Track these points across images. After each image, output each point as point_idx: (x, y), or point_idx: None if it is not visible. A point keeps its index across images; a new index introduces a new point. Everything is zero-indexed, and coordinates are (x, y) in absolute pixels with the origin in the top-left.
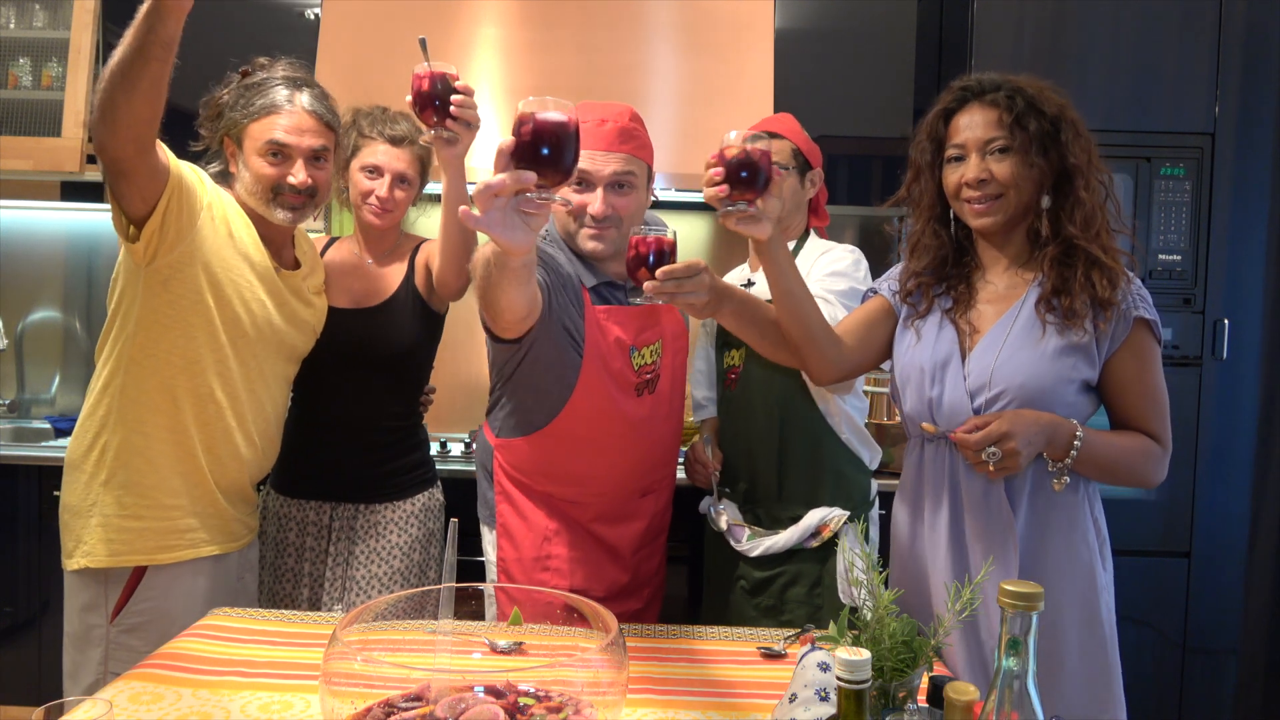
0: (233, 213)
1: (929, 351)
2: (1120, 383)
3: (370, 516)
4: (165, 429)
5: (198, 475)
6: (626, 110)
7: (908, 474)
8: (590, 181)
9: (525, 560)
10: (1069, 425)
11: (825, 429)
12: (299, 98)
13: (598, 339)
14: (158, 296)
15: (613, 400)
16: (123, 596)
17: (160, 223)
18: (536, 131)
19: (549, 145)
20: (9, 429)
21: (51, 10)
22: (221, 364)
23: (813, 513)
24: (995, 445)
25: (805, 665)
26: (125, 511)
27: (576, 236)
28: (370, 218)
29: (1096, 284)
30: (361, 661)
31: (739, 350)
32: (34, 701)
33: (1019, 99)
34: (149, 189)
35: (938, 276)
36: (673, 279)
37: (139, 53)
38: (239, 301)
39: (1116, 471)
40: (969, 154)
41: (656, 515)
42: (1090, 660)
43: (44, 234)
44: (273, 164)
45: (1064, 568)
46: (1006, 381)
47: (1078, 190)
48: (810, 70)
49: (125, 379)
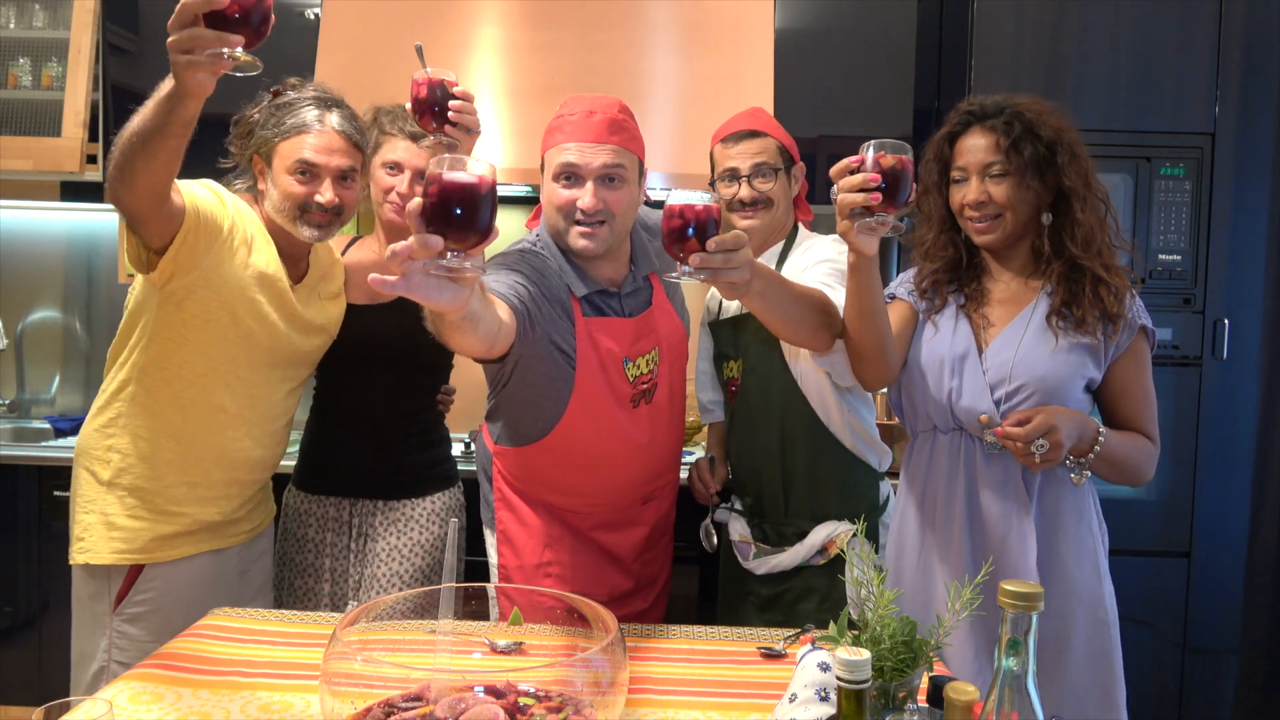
0: (254, 230)
1: (947, 345)
2: (1121, 386)
3: (389, 514)
4: (173, 438)
5: (204, 481)
6: (615, 102)
7: (916, 467)
8: (579, 175)
9: (526, 567)
10: (1093, 423)
11: (828, 438)
12: (329, 118)
13: (589, 352)
14: (171, 316)
15: (609, 414)
16: (123, 589)
17: (176, 255)
18: (443, 193)
19: (459, 206)
20: (9, 429)
21: (51, 10)
22: (232, 376)
23: (818, 529)
24: (1043, 438)
25: (805, 665)
26: (127, 513)
27: (566, 235)
28: (391, 215)
29: (1105, 299)
30: (361, 661)
31: (736, 362)
32: (34, 701)
33: (1016, 124)
34: (165, 230)
35: (952, 275)
36: (723, 250)
37: (160, 130)
38: (252, 319)
39: (1123, 468)
40: (970, 176)
41: (659, 520)
42: (1094, 645)
43: (44, 234)
44: (301, 182)
45: (1074, 554)
46: (1026, 375)
47: (1075, 211)
48: (810, 70)
49: (137, 388)
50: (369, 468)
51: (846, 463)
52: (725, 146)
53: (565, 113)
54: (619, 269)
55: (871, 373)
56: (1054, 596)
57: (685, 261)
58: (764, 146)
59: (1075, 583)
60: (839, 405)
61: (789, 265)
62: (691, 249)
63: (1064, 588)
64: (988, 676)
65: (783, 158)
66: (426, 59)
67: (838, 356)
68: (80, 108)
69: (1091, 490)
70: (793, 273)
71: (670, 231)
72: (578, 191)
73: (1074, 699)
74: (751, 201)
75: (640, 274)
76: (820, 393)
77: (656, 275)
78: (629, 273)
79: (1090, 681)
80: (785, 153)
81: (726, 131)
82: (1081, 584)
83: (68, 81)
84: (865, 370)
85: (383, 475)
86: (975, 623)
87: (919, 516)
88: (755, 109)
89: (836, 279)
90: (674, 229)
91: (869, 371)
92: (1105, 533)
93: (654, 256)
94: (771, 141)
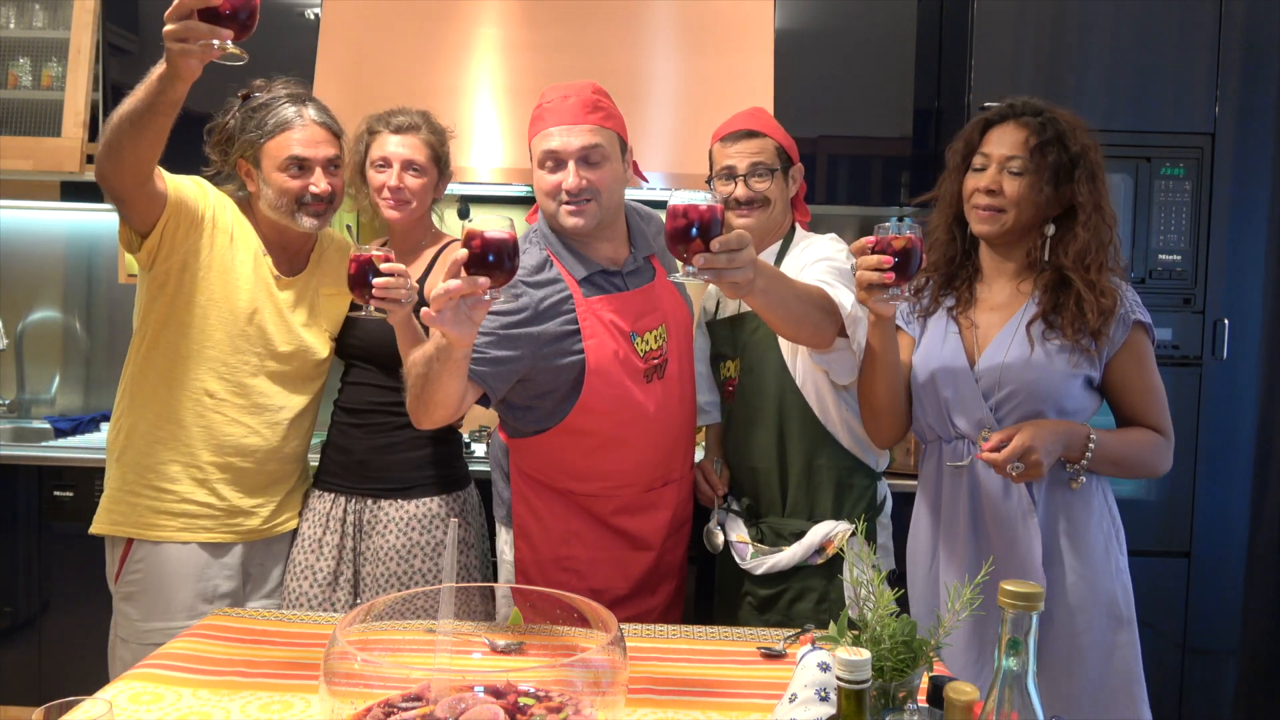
0: (234, 221)
1: (938, 355)
2: (1122, 381)
3: (389, 513)
4: (163, 418)
5: (195, 462)
6: (589, 84)
7: (927, 474)
8: (561, 158)
9: (543, 561)
10: (1083, 429)
11: (826, 437)
12: (307, 112)
13: (596, 329)
14: (157, 299)
15: (623, 388)
16: (119, 563)
17: (159, 239)
18: (485, 245)
19: (495, 254)
20: (9, 429)
21: (51, 10)
22: (217, 361)
23: (816, 529)
24: (1019, 459)
25: (805, 665)
26: (126, 487)
27: (557, 215)
28: (389, 212)
29: (1086, 314)
30: (361, 661)
31: (734, 362)
32: (34, 701)
33: (1049, 128)
34: (148, 212)
35: (945, 277)
36: (726, 250)
37: (150, 109)
38: (229, 307)
39: (1129, 466)
40: (990, 165)
41: (680, 504)
42: (1112, 642)
43: (44, 234)
44: (295, 177)
45: (1085, 553)
46: (1017, 381)
47: (1076, 226)
48: (810, 70)
49: (134, 369)
50: (371, 466)
51: (844, 462)
52: (724, 145)
53: (543, 101)
54: (617, 248)
55: (887, 428)
56: (1066, 595)
57: (689, 262)
58: (761, 146)
59: (1088, 581)
60: (837, 404)
61: (786, 265)
62: (695, 249)
63: (1076, 586)
64: (988, 677)
65: (780, 158)
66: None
67: (835, 355)
68: (80, 108)
69: (1103, 489)
70: (791, 272)
71: (674, 232)
72: (562, 174)
73: (1092, 697)
74: (747, 200)
75: (640, 254)
76: (819, 391)
77: (657, 258)
78: (629, 254)
79: (1109, 679)
80: (783, 153)
81: (725, 130)
82: (1095, 582)
83: (68, 81)
84: (881, 426)
85: (383, 474)
86: (975, 623)
87: (930, 521)
88: (755, 109)
89: (835, 276)
90: (677, 229)
91: (885, 427)
92: (1120, 531)
93: (651, 238)
94: (769, 142)
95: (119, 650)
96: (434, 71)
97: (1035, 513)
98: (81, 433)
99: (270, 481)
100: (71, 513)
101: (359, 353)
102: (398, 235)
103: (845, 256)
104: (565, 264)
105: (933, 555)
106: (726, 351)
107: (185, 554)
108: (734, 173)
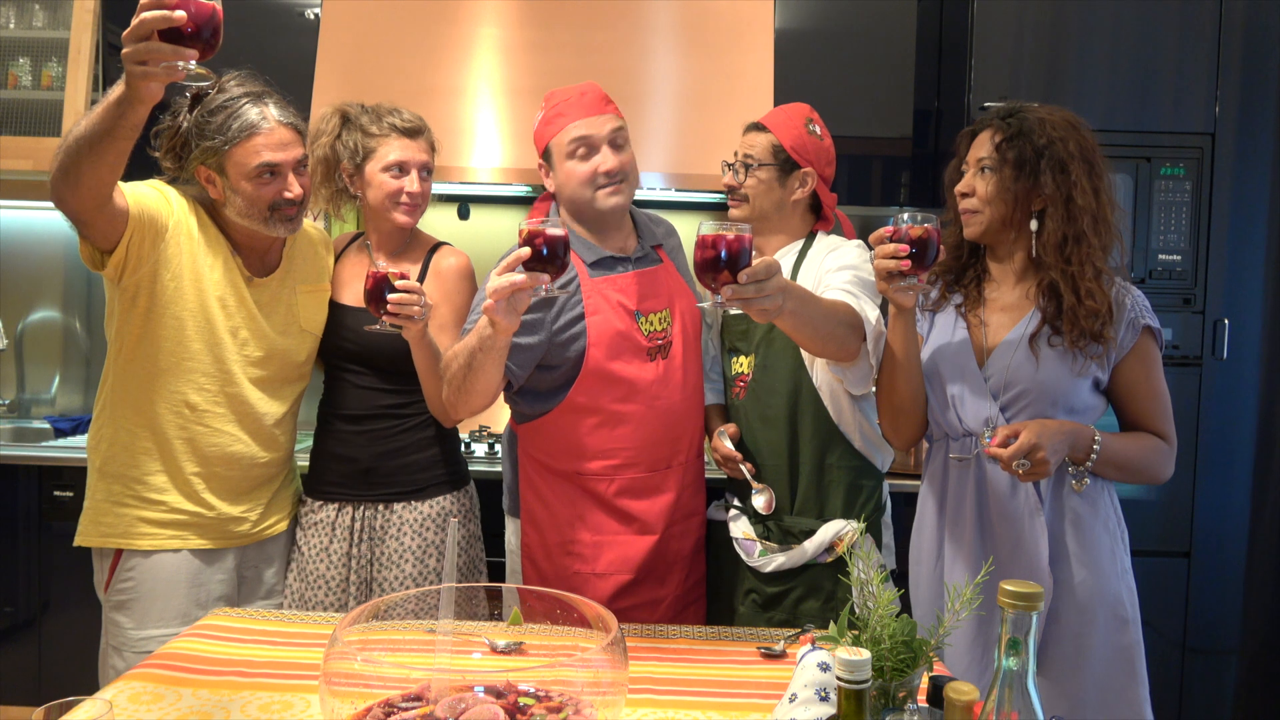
0: (199, 227)
1: (945, 350)
2: (1129, 386)
3: (396, 516)
4: (145, 428)
5: (181, 473)
6: (592, 84)
7: (934, 472)
8: (593, 143)
9: (550, 545)
10: (1088, 431)
11: (837, 437)
12: (270, 113)
13: (601, 306)
14: (130, 312)
15: (625, 360)
16: (109, 574)
17: (125, 253)
18: (546, 241)
19: (554, 250)
20: (9, 429)
21: (51, 10)
22: (196, 372)
23: (827, 527)
24: (1025, 457)
25: (805, 665)
26: (112, 498)
27: (594, 202)
28: (403, 217)
29: (1082, 321)
30: (361, 661)
31: (747, 358)
32: (34, 701)
33: (1014, 124)
34: (110, 231)
35: (954, 275)
36: (754, 281)
37: (109, 133)
38: (204, 316)
39: (1132, 470)
40: (969, 169)
41: (686, 490)
42: (1116, 642)
43: (44, 234)
44: (268, 184)
45: (1090, 553)
46: (1027, 381)
47: (1047, 219)
48: (810, 70)
49: (113, 379)
50: (364, 471)
51: (854, 462)
52: (742, 134)
53: (556, 102)
54: (626, 237)
55: (907, 428)
56: (1071, 595)
57: (717, 291)
58: (757, 141)
59: (1093, 581)
60: (851, 405)
61: (805, 269)
62: (724, 280)
63: (1082, 586)
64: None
65: (775, 156)
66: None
67: (852, 365)
68: (80, 108)
69: (1108, 490)
70: (810, 276)
71: (703, 262)
72: (596, 159)
73: (1096, 696)
74: (728, 190)
75: (647, 244)
76: (834, 392)
77: (664, 250)
78: (637, 243)
79: (1112, 679)
80: (781, 152)
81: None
82: (1100, 582)
83: (68, 81)
84: (901, 426)
85: (378, 479)
86: (979, 622)
87: (936, 519)
88: (798, 105)
89: (860, 288)
90: (706, 260)
91: (905, 427)
92: (1125, 532)
93: (662, 238)
94: (767, 137)
95: (111, 659)
96: (434, 71)
97: (1042, 511)
98: (81, 433)
99: (256, 486)
100: (71, 513)
101: (355, 356)
102: (394, 238)
103: (869, 265)
104: (577, 250)
105: (938, 553)
106: (741, 347)
107: (178, 561)
108: (732, 163)
